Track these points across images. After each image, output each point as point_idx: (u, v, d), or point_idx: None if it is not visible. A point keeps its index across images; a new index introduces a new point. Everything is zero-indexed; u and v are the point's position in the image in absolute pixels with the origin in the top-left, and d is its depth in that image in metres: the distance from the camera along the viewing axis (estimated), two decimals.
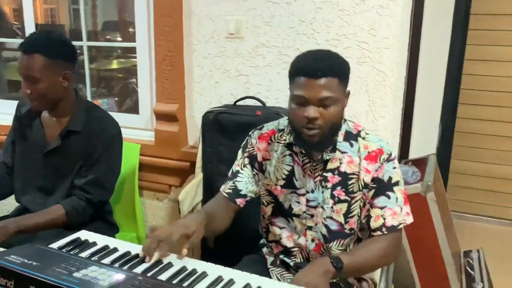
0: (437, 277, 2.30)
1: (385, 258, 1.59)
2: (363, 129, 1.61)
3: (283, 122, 1.69)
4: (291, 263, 1.71)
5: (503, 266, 2.96)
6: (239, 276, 1.31)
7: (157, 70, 2.49)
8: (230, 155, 2.23)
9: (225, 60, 2.38)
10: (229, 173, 1.76)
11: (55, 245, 1.42)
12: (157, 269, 1.32)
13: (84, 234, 1.51)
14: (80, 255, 1.36)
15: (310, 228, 1.63)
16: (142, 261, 1.35)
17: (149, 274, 1.28)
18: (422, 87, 2.78)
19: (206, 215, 1.57)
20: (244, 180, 1.71)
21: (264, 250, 1.82)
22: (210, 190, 2.30)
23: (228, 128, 2.22)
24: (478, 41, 3.43)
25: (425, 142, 3.13)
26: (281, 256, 1.74)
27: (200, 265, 1.35)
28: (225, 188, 1.73)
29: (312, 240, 1.65)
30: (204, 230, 1.50)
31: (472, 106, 3.54)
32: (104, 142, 1.97)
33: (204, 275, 1.30)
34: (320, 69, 1.41)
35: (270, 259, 1.78)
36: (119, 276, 1.23)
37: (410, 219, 1.59)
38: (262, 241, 1.86)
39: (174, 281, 1.26)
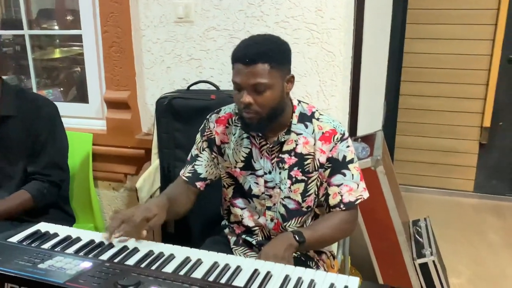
0: (389, 246, 2.42)
1: (343, 231, 1.69)
2: (317, 110, 1.66)
3: None
4: (254, 242, 1.75)
5: (447, 232, 3.15)
6: (206, 256, 1.34)
7: (105, 57, 2.44)
8: (186, 140, 2.24)
9: (176, 45, 2.36)
10: (188, 157, 1.78)
11: (14, 239, 1.39)
12: (123, 254, 1.33)
13: (44, 226, 1.49)
14: (42, 246, 1.35)
15: (269, 208, 1.68)
16: (108, 246, 1.36)
17: (116, 260, 1.29)
18: (367, 67, 2.87)
19: (167, 199, 1.60)
20: (204, 164, 1.73)
21: (226, 231, 1.85)
22: (167, 176, 2.31)
23: (182, 113, 2.22)
24: (417, 20, 3.56)
25: (371, 119, 3.24)
26: (244, 236, 1.78)
27: (167, 248, 1.37)
28: (185, 172, 1.75)
29: (271, 220, 1.70)
30: (165, 214, 1.53)
31: (413, 83, 3.70)
32: (46, 124, 1.98)
33: (171, 257, 1.32)
34: (249, 55, 1.44)
35: (232, 239, 1.82)
36: (86, 264, 1.23)
37: (366, 194, 1.67)
38: (223, 222, 1.89)
39: (142, 265, 1.27)
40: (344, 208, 1.63)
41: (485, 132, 3.61)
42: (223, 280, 1.22)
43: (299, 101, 1.66)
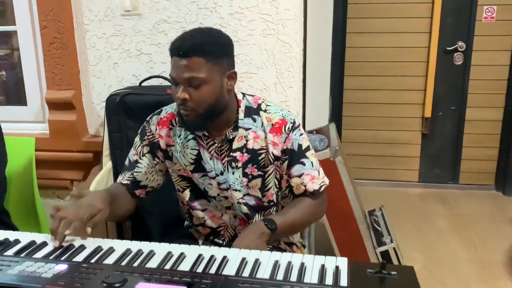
0: (351, 235, 2.43)
1: (313, 214, 1.63)
2: (263, 101, 1.58)
3: None
4: (222, 242, 1.68)
5: (397, 222, 3.21)
6: (189, 249, 1.25)
7: (45, 54, 2.27)
8: None
9: (123, 39, 2.24)
10: (126, 162, 1.65)
11: None
12: (99, 254, 1.22)
13: (1, 234, 1.34)
14: (5, 254, 1.20)
15: (228, 208, 1.62)
16: (79, 249, 1.24)
17: (92, 261, 1.18)
18: (312, 60, 2.88)
19: (110, 195, 1.50)
20: (143, 171, 1.61)
21: (193, 231, 1.76)
22: None
23: (136, 110, 2.10)
24: (357, 14, 3.64)
25: (317, 113, 3.27)
26: (211, 237, 1.70)
27: (145, 245, 1.28)
28: (123, 179, 1.62)
29: (235, 217, 1.63)
30: (109, 209, 1.43)
31: (356, 77, 3.77)
32: None
33: (151, 253, 1.23)
34: (183, 48, 1.37)
35: (200, 239, 1.73)
36: (61, 267, 1.13)
37: (327, 180, 1.62)
38: (187, 223, 1.79)
39: (123, 263, 1.17)
40: (310, 197, 1.58)
41: (426, 122, 3.74)
42: (212, 271, 1.14)
43: (244, 94, 1.58)
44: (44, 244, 1.28)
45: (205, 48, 1.37)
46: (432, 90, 3.65)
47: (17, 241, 1.29)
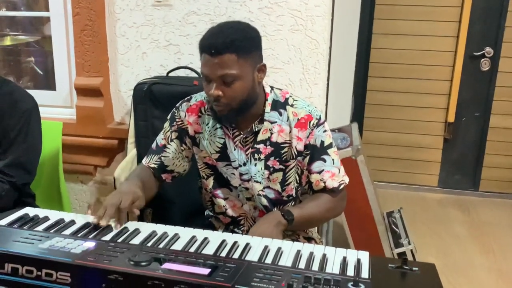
0: (369, 235, 2.43)
1: (332, 210, 1.64)
2: (290, 96, 1.59)
3: None
4: (241, 232, 1.69)
5: (415, 226, 3.19)
6: (212, 235, 1.28)
7: (76, 41, 2.32)
8: None
9: (153, 29, 2.27)
10: (153, 145, 1.68)
11: (2, 222, 1.27)
12: (126, 234, 1.25)
13: (31, 210, 1.39)
14: (36, 229, 1.24)
15: (248, 199, 1.63)
16: (106, 228, 1.28)
17: (119, 240, 1.21)
18: (336, 59, 2.88)
19: (142, 182, 1.55)
20: (171, 156, 1.63)
21: (212, 220, 1.78)
22: None
23: (162, 100, 2.13)
24: (384, 16, 3.62)
25: (339, 113, 3.26)
26: (231, 227, 1.72)
27: (170, 229, 1.31)
28: (150, 162, 1.65)
29: (255, 208, 1.65)
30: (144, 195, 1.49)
31: (380, 78, 3.75)
32: (19, 119, 1.80)
33: (176, 236, 1.27)
34: (215, 46, 1.38)
35: (220, 229, 1.75)
36: (90, 244, 1.16)
37: (347, 179, 1.63)
38: (207, 212, 1.81)
39: (149, 244, 1.20)
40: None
41: (449, 128, 3.70)
42: (235, 256, 1.17)
43: (272, 88, 1.59)
44: (72, 222, 1.31)
45: (236, 44, 1.38)
46: (457, 95, 3.61)
47: (46, 218, 1.33)
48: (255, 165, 1.56)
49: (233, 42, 1.38)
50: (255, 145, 1.55)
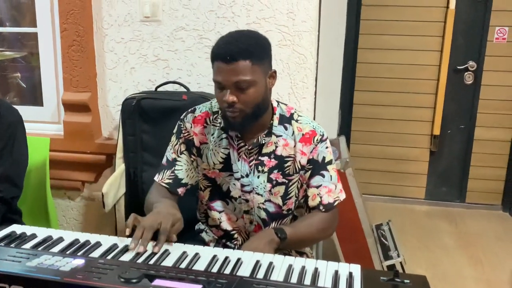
0: (358, 248, 2.43)
1: (323, 231, 1.66)
2: (295, 112, 1.63)
3: (216, 104, 1.64)
4: (234, 247, 1.69)
5: (403, 238, 3.20)
6: (203, 250, 1.28)
7: (63, 56, 2.31)
8: (154, 142, 2.15)
9: (141, 45, 2.28)
10: (164, 161, 1.67)
11: None
12: (115, 251, 1.23)
13: (18, 228, 1.36)
14: (23, 247, 1.22)
15: (246, 212, 1.63)
16: (95, 245, 1.26)
17: (109, 257, 1.19)
18: (323, 73, 2.90)
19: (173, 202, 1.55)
20: (184, 168, 1.64)
21: (203, 235, 1.77)
22: (134, 181, 2.19)
23: (151, 114, 2.13)
24: (369, 31, 3.68)
25: (326, 126, 3.26)
26: (223, 241, 1.71)
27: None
28: (164, 178, 1.64)
29: (251, 222, 1.65)
30: None
31: (366, 92, 3.79)
32: (4, 132, 1.78)
33: (167, 252, 1.26)
34: (230, 53, 1.40)
35: (211, 244, 1.74)
36: (79, 261, 1.14)
37: (343, 196, 1.66)
38: (198, 227, 1.81)
39: (139, 261, 1.19)
40: (323, 210, 1.61)
41: (435, 140, 3.75)
42: (227, 271, 1.16)
43: (278, 102, 1.63)
44: (61, 239, 1.30)
45: (250, 51, 1.41)
46: (442, 108, 3.66)
47: (33, 235, 1.31)
48: (258, 177, 1.57)
49: (248, 49, 1.41)
50: (260, 157, 1.56)
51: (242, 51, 1.40)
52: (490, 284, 2.78)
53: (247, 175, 1.58)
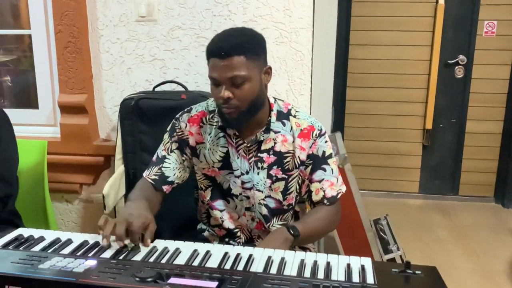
0: (359, 242, 2.45)
1: (331, 223, 1.67)
2: (293, 107, 1.64)
3: (213, 103, 1.64)
4: (237, 245, 1.69)
5: (398, 232, 3.23)
6: (214, 248, 1.28)
7: (59, 58, 2.29)
8: (153, 142, 2.14)
9: (137, 45, 2.27)
10: (154, 158, 1.67)
11: None
12: (126, 252, 1.22)
13: (25, 231, 1.35)
14: (32, 249, 1.21)
15: (248, 209, 1.64)
16: (106, 248, 1.25)
17: (121, 257, 1.19)
18: (317, 70, 2.91)
19: (148, 201, 1.51)
20: (171, 166, 1.63)
21: (206, 234, 1.77)
22: (133, 182, 2.15)
23: (149, 115, 2.12)
24: (360, 27, 3.70)
25: (321, 123, 3.28)
26: (226, 239, 1.71)
27: (171, 244, 1.30)
28: (150, 174, 1.63)
29: (252, 219, 1.65)
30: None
31: (358, 88, 3.82)
32: None
33: (177, 251, 1.25)
34: (223, 49, 1.40)
35: (215, 242, 1.74)
36: (91, 262, 1.14)
37: (344, 188, 1.67)
38: (200, 226, 1.81)
39: (150, 260, 1.19)
40: (327, 203, 1.62)
41: (427, 134, 3.79)
42: (240, 268, 1.16)
43: (275, 99, 1.63)
44: (69, 241, 1.29)
45: (244, 46, 1.41)
46: (433, 103, 3.70)
47: (41, 238, 1.30)
48: (258, 173, 1.58)
49: (242, 44, 1.41)
50: (259, 154, 1.57)
51: (237, 46, 1.40)
52: (485, 274, 2.82)
53: (247, 172, 1.58)
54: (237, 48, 1.40)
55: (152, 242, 1.30)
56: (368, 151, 3.91)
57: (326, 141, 1.61)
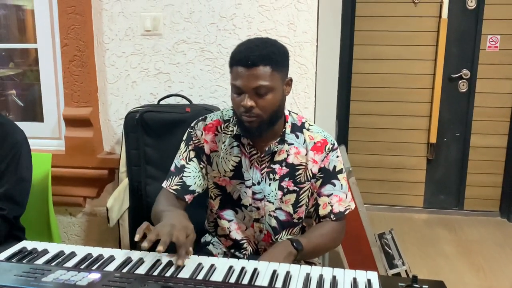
0: (364, 257, 2.43)
1: (335, 240, 1.67)
2: (306, 121, 1.64)
3: (228, 112, 1.66)
4: (243, 257, 1.68)
5: (403, 246, 3.20)
6: (218, 261, 1.27)
7: (64, 71, 2.30)
8: (158, 155, 2.14)
9: (143, 58, 2.28)
10: (172, 168, 1.67)
11: (0, 257, 1.23)
12: (130, 265, 1.22)
13: (29, 244, 1.34)
14: (36, 262, 1.21)
15: (256, 220, 1.63)
16: (108, 259, 1.25)
17: (124, 270, 1.18)
18: (320, 84, 2.92)
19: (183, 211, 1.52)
20: (192, 175, 1.63)
21: (210, 247, 1.76)
22: (137, 195, 2.17)
23: (154, 128, 2.12)
24: (364, 41, 3.71)
25: None
26: (232, 251, 1.70)
27: (175, 257, 1.27)
28: (171, 185, 1.63)
29: (260, 231, 1.65)
30: None
31: (362, 102, 3.82)
32: (9, 151, 1.76)
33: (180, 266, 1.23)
34: (251, 58, 1.41)
35: (220, 255, 1.73)
36: (95, 276, 1.13)
37: (353, 205, 1.67)
38: (204, 240, 1.80)
39: (154, 273, 1.18)
40: (334, 219, 1.62)
41: (431, 148, 3.78)
42: (245, 281, 1.16)
43: (289, 111, 1.64)
44: (73, 254, 1.28)
45: (271, 57, 1.42)
46: (437, 117, 3.70)
47: (45, 251, 1.30)
48: (270, 185, 1.58)
49: (269, 55, 1.43)
50: (271, 165, 1.57)
51: (264, 56, 1.42)
52: None
53: (258, 183, 1.58)
54: (264, 59, 1.41)
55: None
56: (372, 165, 3.90)
57: (338, 156, 1.62)
